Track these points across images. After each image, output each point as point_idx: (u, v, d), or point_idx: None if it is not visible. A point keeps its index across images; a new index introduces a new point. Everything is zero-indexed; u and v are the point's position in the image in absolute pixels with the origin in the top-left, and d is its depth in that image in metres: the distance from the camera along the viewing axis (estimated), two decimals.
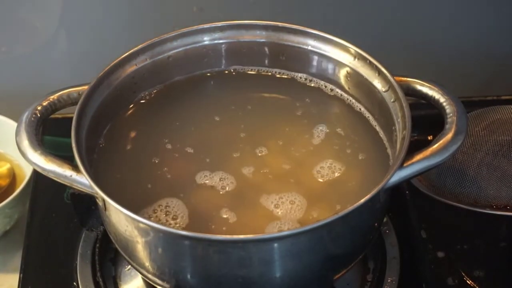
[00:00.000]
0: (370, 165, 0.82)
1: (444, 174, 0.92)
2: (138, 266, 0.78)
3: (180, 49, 0.89)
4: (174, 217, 0.77)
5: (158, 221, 0.77)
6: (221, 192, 0.80)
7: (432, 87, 0.80)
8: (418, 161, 0.74)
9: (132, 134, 0.86)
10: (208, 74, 0.92)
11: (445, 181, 0.92)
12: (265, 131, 0.86)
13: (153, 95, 0.90)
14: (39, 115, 0.78)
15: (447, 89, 0.80)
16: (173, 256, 0.74)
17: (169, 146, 0.84)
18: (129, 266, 0.89)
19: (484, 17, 1.15)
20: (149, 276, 0.77)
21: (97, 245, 0.90)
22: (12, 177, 1.04)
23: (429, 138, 1.02)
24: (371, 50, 0.85)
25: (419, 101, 0.81)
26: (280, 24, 0.89)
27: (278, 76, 0.92)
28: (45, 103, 0.79)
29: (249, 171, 0.82)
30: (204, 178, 0.81)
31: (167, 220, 0.77)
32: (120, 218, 0.74)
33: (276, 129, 0.86)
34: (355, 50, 0.85)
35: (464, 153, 0.92)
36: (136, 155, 0.84)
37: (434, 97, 0.79)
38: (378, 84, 0.83)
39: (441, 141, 0.75)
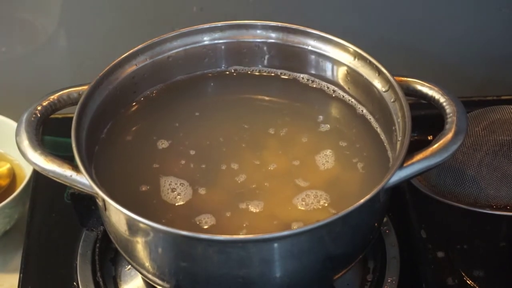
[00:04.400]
0: (370, 166, 0.82)
1: (444, 174, 0.92)
2: (138, 266, 0.78)
3: (180, 49, 0.89)
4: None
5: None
6: (220, 194, 0.80)
7: (432, 87, 0.80)
8: (418, 161, 0.74)
9: (132, 135, 0.86)
10: (209, 75, 0.92)
11: (445, 181, 0.92)
12: (266, 132, 0.86)
13: (153, 95, 0.90)
14: (39, 115, 0.78)
15: (447, 89, 0.79)
16: (173, 256, 0.74)
17: (169, 147, 0.84)
18: (129, 266, 0.89)
19: (484, 17, 1.15)
20: (149, 276, 0.77)
21: (97, 245, 0.90)
22: (12, 177, 1.04)
23: (429, 138, 1.02)
24: (371, 50, 0.85)
25: (419, 101, 0.81)
26: (280, 24, 0.89)
27: (280, 77, 0.91)
28: (45, 103, 0.79)
29: (248, 172, 0.82)
30: (203, 179, 0.81)
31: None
32: (120, 218, 0.74)
33: (277, 130, 0.86)
34: (355, 50, 0.85)
35: (464, 153, 0.92)
36: (136, 155, 0.84)
37: (434, 97, 0.79)
38: (378, 84, 0.83)
39: (441, 141, 0.75)
